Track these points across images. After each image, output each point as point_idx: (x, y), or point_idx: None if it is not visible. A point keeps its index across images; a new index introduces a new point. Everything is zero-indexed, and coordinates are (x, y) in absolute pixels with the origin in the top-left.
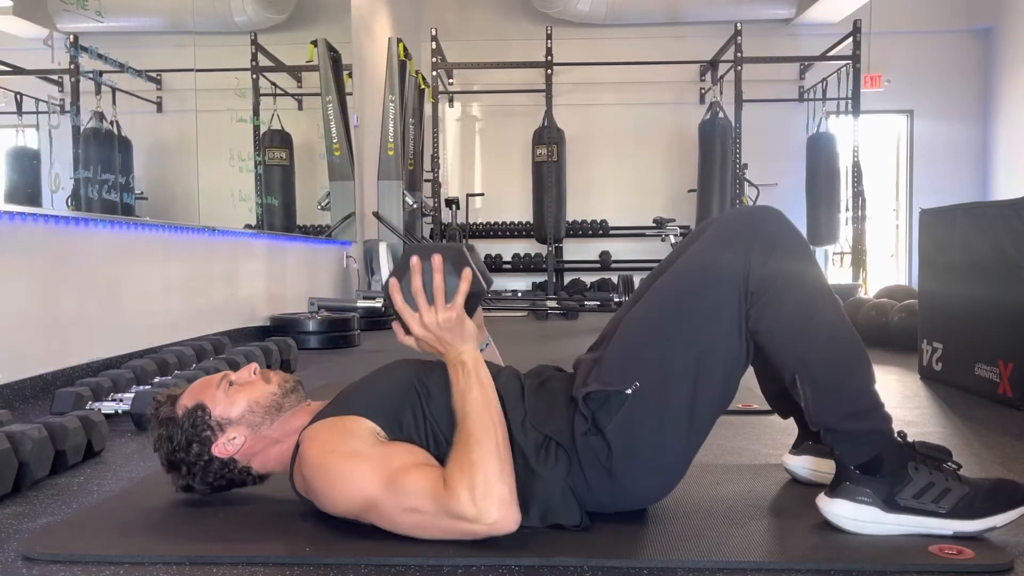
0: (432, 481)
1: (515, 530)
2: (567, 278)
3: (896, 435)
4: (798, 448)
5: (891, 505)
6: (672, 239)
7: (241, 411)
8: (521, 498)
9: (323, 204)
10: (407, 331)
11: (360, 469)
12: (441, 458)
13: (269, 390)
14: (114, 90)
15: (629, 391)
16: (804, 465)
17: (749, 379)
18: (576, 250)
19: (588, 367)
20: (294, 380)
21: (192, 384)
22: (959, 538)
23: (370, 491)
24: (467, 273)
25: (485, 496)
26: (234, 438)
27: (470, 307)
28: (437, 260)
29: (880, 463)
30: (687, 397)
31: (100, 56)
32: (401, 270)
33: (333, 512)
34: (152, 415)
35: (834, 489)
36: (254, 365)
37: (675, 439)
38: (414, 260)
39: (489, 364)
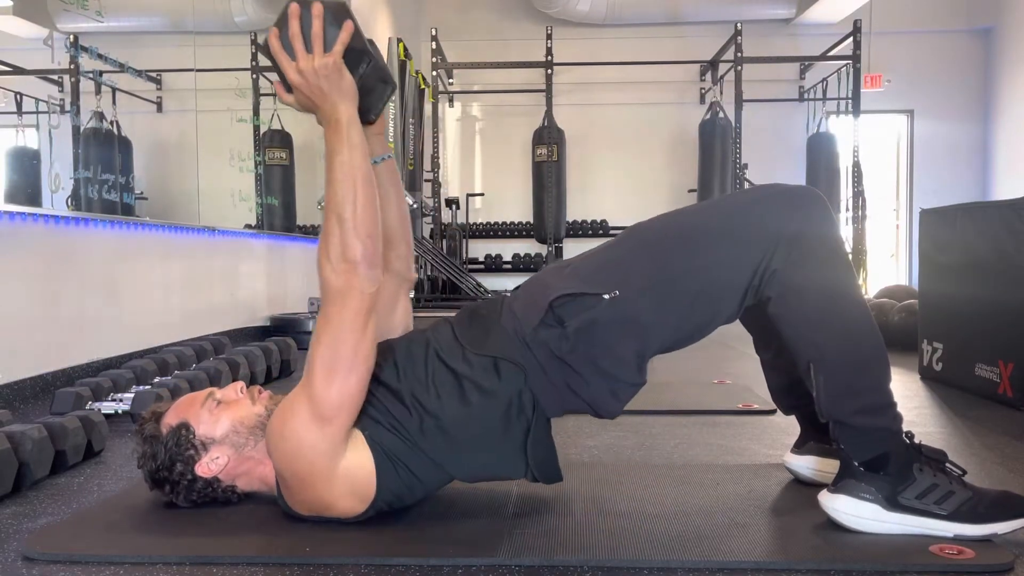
0: (313, 333)
1: (372, 289)
2: None
3: (904, 435)
4: (801, 447)
5: (893, 504)
6: None
7: (225, 431)
8: (497, 426)
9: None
10: (287, 88)
11: (287, 404)
12: (408, 422)
13: (255, 411)
14: (114, 90)
15: (607, 296)
16: (807, 465)
17: (749, 379)
18: (576, 250)
19: (558, 275)
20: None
21: (177, 401)
22: (959, 541)
23: (302, 405)
24: (348, 24)
25: (342, 262)
26: (217, 458)
27: (353, 65)
28: (317, 7)
29: (886, 461)
30: (661, 325)
31: (100, 56)
32: (281, 19)
33: (320, 472)
34: (137, 432)
35: (837, 485)
36: (240, 384)
37: (630, 351)
38: (292, 6)
39: (418, 328)
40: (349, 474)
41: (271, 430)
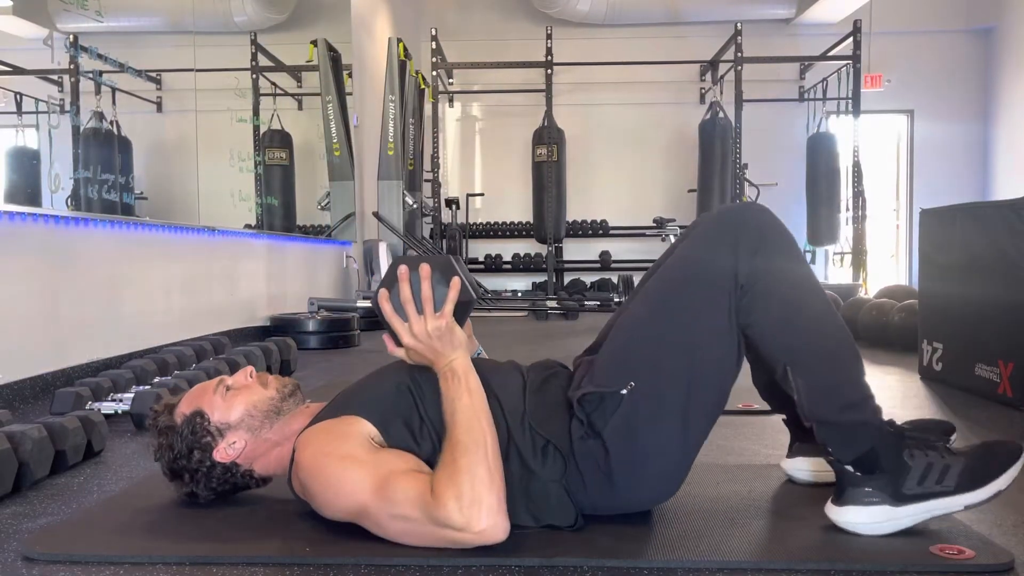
0: (421, 488)
1: (504, 539)
2: (567, 278)
3: (887, 425)
4: (792, 451)
5: (900, 498)
6: (672, 239)
7: (240, 415)
8: (516, 496)
9: (323, 204)
10: (397, 342)
11: (352, 474)
12: (436, 460)
13: (267, 394)
14: (114, 90)
15: (624, 391)
16: (801, 467)
17: (749, 379)
18: (576, 250)
19: (585, 369)
20: (292, 383)
21: (189, 391)
22: (971, 510)
23: (361, 497)
24: (455, 281)
25: (472, 504)
26: (234, 442)
27: (459, 317)
28: (425, 269)
29: (876, 457)
30: (682, 396)
31: (100, 56)
32: (390, 280)
33: (328, 515)
34: (151, 425)
35: (840, 497)
36: (250, 368)
37: (672, 440)
38: (402, 269)
39: (490, 361)
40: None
41: (320, 456)
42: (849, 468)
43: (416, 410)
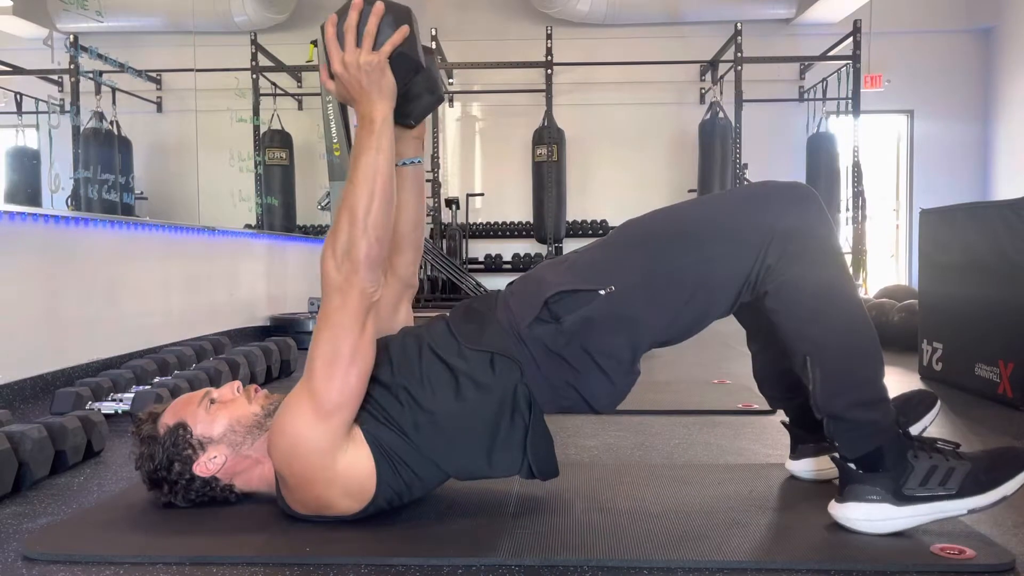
0: (314, 331)
1: (372, 290)
2: None
3: (897, 427)
4: (795, 453)
5: (901, 498)
6: None
7: (222, 430)
8: (479, 414)
9: (323, 204)
10: (330, 74)
11: (289, 403)
12: (403, 418)
13: (251, 410)
14: (114, 90)
15: (602, 292)
16: (805, 468)
17: (749, 379)
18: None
19: (553, 270)
20: (279, 400)
21: (174, 402)
22: (974, 514)
23: (303, 402)
24: (403, 28)
25: (345, 258)
26: (215, 457)
27: (400, 71)
28: (379, 6)
29: (881, 456)
30: (656, 320)
31: (100, 56)
32: (343, 8)
33: (320, 472)
34: (134, 433)
35: (842, 493)
36: (237, 383)
37: (625, 348)
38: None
39: (418, 324)
40: (348, 473)
41: (273, 427)
42: (852, 465)
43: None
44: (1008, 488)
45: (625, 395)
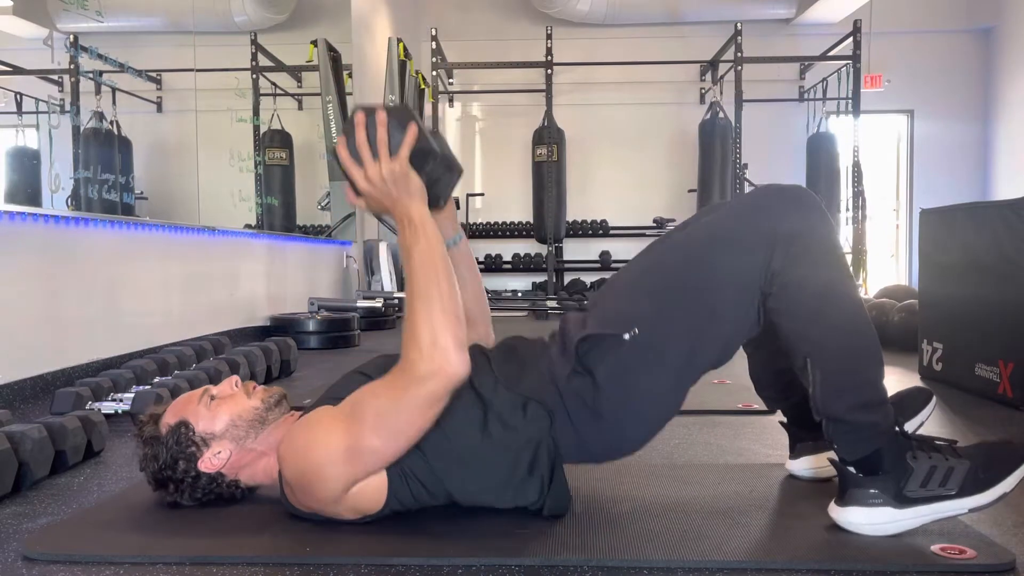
0: (380, 384)
1: (464, 374)
2: (567, 278)
3: (896, 431)
4: (795, 452)
5: (902, 500)
6: None
7: (224, 425)
8: (500, 453)
9: (323, 204)
10: (356, 192)
11: (321, 432)
12: (425, 440)
13: (251, 404)
14: (114, 90)
15: (627, 336)
16: (805, 466)
17: (749, 379)
18: (576, 250)
19: (581, 319)
20: (279, 393)
21: (173, 402)
22: (976, 512)
23: (336, 439)
24: (412, 127)
25: (434, 349)
26: (219, 452)
27: (419, 164)
28: (381, 115)
29: (880, 459)
30: (685, 350)
31: (100, 56)
32: (347, 127)
33: (325, 498)
34: (136, 435)
35: (843, 497)
36: (235, 378)
37: (663, 388)
38: (358, 116)
39: None
40: (359, 493)
41: (294, 440)
42: (851, 469)
43: None
44: (1007, 485)
45: (655, 435)
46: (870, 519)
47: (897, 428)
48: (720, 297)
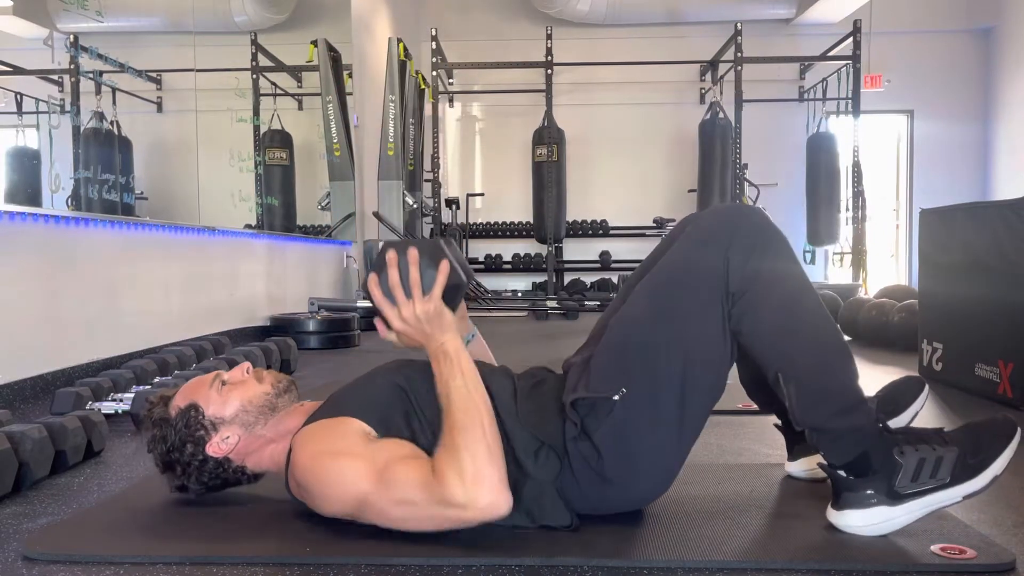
0: (421, 471)
1: (507, 513)
2: (567, 278)
3: (880, 427)
4: (793, 454)
5: (895, 497)
6: None
7: (235, 410)
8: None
9: (323, 204)
10: (388, 327)
11: (351, 466)
12: (433, 450)
13: (262, 390)
14: (114, 90)
15: (616, 397)
16: (803, 468)
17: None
18: (576, 250)
19: (578, 370)
20: (288, 380)
21: (185, 384)
22: (970, 498)
23: (362, 486)
24: (444, 265)
25: (475, 480)
26: (228, 437)
27: (450, 299)
28: (413, 254)
29: (867, 460)
30: (675, 400)
31: (100, 56)
32: (379, 266)
33: (328, 512)
34: (145, 416)
35: (837, 501)
36: (247, 364)
37: (666, 441)
38: (390, 255)
39: (482, 364)
40: (360, 515)
41: (317, 454)
42: (841, 472)
43: (411, 406)
44: (998, 467)
45: (668, 486)
46: (867, 520)
47: (880, 425)
48: (691, 339)
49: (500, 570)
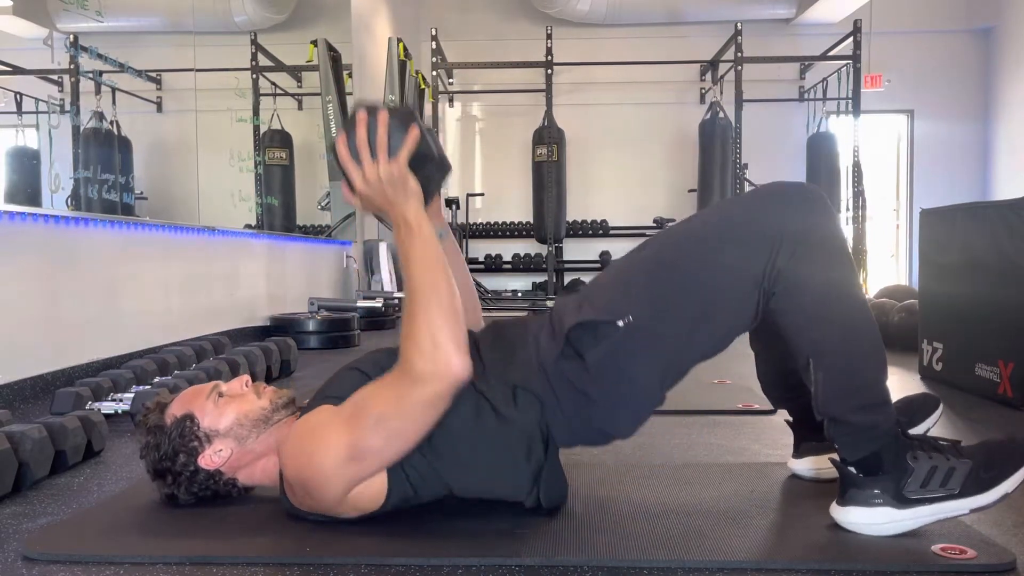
0: (378, 384)
1: (467, 376)
2: (567, 278)
3: (898, 431)
4: (798, 451)
5: (902, 500)
6: None
7: (229, 423)
8: (494, 443)
9: (323, 204)
10: (352, 189)
11: (324, 432)
12: None
13: (259, 405)
14: (114, 90)
15: (621, 323)
16: (808, 467)
17: (749, 379)
18: (576, 250)
19: (575, 304)
20: (287, 396)
21: (182, 393)
22: (978, 513)
23: (342, 440)
24: (413, 130)
25: (435, 351)
26: (221, 450)
27: (418, 169)
28: (383, 115)
29: (880, 460)
30: (679, 342)
31: (100, 56)
32: (349, 125)
33: (333, 496)
34: (140, 422)
35: (843, 497)
36: (246, 377)
37: (650, 377)
38: (360, 113)
39: None
40: (361, 492)
41: (296, 442)
42: (852, 469)
43: (370, 379)
44: (1009, 485)
45: (645, 421)
46: (870, 519)
47: (899, 428)
48: (720, 293)
49: (500, 570)
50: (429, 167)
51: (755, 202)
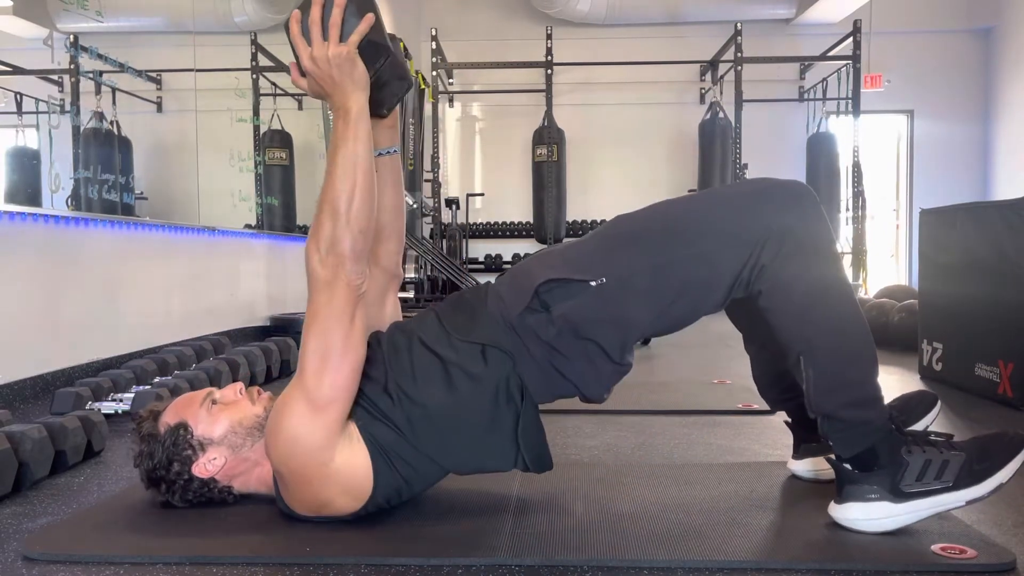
0: (306, 319)
1: (358, 282)
2: None
3: (891, 426)
4: (798, 451)
5: (898, 495)
6: None
7: (223, 431)
8: (472, 405)
9: None
10: (301, 72)
11: (282, 403)
12: (394, 413)
13: (253, 412)
14: (114, 90)
15: (593, 283)
16: (807, 467)
17: (749, 379)
18: None
19: (545, 263)
20: None
21: (175, 400)
22: (973, 504)
23: (297, 397)
24: (368, 16)
25: (330, 255)
26: (215, 459)
27: (370, 59)
28: None
29: (875, 455)
30: (646, 313)
31: (100, 56)
32: (304, 4)
33: (316, 466)
34: (134, 430)
35: (840, 494)
36: (239, 384)
37: (614, 339)
38: None
39: (411, 318)
40: (345, 470)
41: (269, 426)
42: (847, 466)
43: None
44: (1003, 475)
45: (614, 384)
46: (868, 514)
47: (892, 424)
48: (696, 280)
49: (500, 570)
50: (384, 64)
51: (745, 194)
